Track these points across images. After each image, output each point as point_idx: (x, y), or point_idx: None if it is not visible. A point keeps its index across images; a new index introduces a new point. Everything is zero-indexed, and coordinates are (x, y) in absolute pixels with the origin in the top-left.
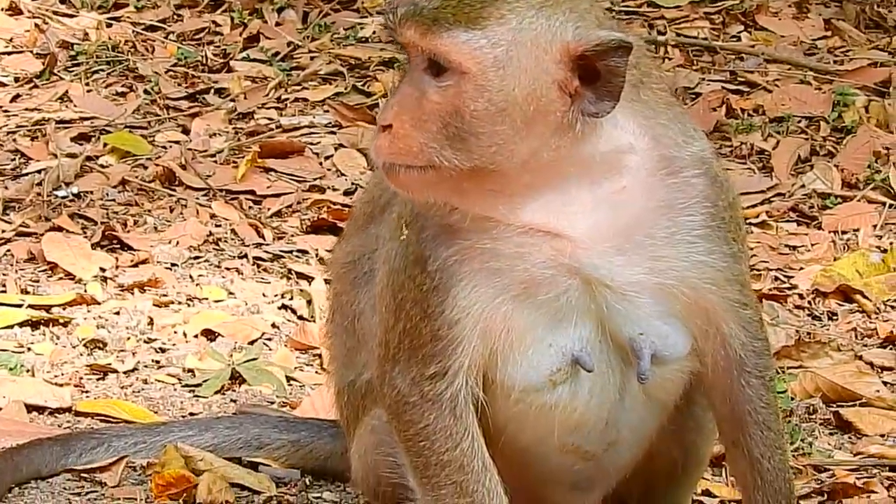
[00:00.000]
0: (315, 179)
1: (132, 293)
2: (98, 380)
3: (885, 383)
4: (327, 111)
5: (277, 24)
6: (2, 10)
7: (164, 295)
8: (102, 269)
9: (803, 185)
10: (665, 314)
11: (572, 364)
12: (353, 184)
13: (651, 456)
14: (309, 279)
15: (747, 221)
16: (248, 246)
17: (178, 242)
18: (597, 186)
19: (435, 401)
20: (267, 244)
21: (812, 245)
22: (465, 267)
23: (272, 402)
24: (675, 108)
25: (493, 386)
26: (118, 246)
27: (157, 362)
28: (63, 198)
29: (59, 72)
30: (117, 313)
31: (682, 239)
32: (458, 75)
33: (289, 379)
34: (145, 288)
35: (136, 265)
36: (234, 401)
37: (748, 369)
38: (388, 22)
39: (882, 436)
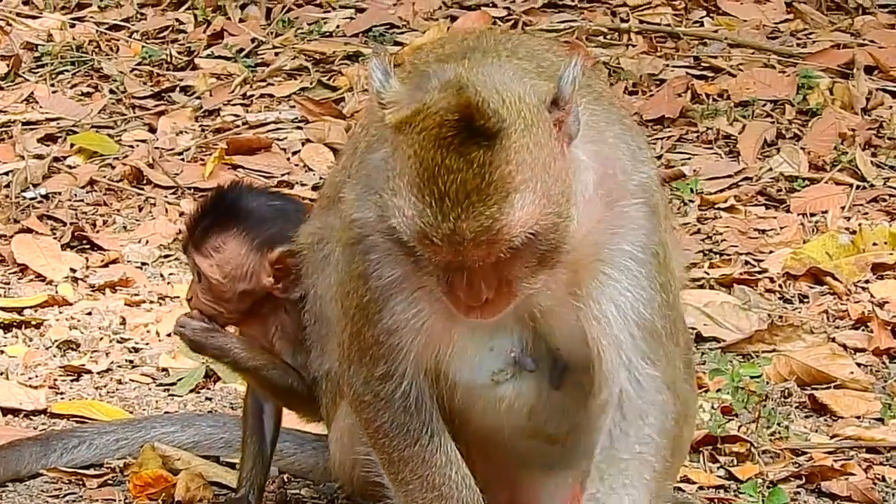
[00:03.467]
0: (283, 175)
1: (103, 293)
2: (72, 381)
3: (858, 365)
4: (293, 106)
5: (241, 20)
6: None
7: (136, 294)
8: (73, 270)
9: (770, 169)
10: (580, 335)
11: (513, 364)
12: (321, 178)
13: None
14: None
15: (715, 206)
16: None
17: (147, 241)
18: None
19: (387, 399)
20: None
21: (781, 228)
22: (406, 285)
23: None
24: (616, 126)
25: (444, 382)
26: (88, 246)
27: (131, 362)
28: (31, 199)
29: (23, 73)
30: (89, 314)
31: (605, 272)
32: (529, 238)
33: None
34: (116, 288)
35: (106, 265)
36: (209, 399)
37: (625, 419)
38: (453, 258)
39: (858, 417)
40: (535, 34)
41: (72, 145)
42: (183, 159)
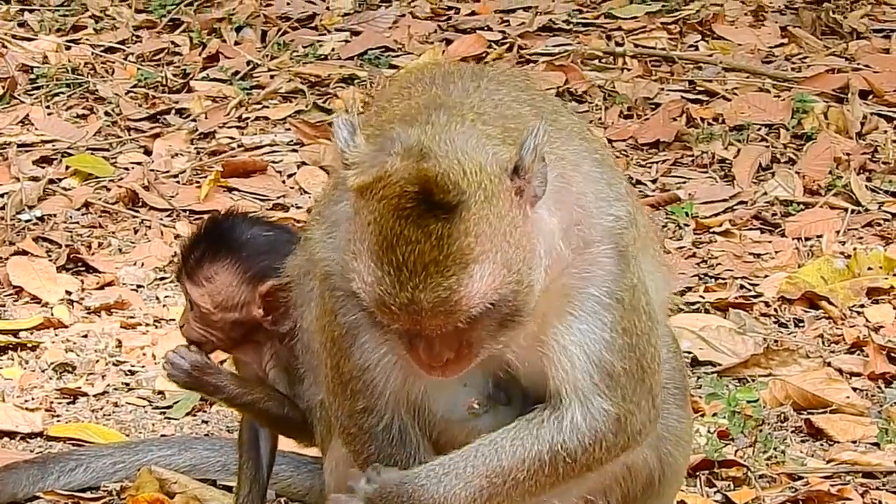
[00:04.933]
0: (278, 197)
1: (99, 316)
2: (68, 404)
3: (854, 389)
4: (289, 129)
5: (236, 43)
6: None
7: (132, 317)
8: (68, 292)
9: (765, 193)
10: (544, 376)
11: (488, 398)
12: (316, 201)
13: (627, 467)
14: None
15: (710, 230)
16: None
17: (143, 264)
18: None
19: (370, 432)
20: None
21: (776, 252)
22: (373, 326)
23: None
24: (586, 163)
25: (423, 416)
26: (83, 268)
27: (127, 385)
28: (27, 221)
29: (19, 95)
30: (85, 336)
31: (573, 314)
32: (488, 307)
33: None
34: (112, 310)
35: (101, 287)
36: (206, 422)
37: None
38: (411, 326)
39: (854, 442)
40: (508, 76)
41: (67, 167)
42: (178, 182)
